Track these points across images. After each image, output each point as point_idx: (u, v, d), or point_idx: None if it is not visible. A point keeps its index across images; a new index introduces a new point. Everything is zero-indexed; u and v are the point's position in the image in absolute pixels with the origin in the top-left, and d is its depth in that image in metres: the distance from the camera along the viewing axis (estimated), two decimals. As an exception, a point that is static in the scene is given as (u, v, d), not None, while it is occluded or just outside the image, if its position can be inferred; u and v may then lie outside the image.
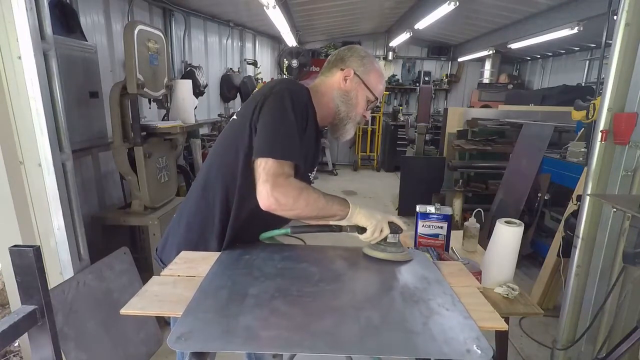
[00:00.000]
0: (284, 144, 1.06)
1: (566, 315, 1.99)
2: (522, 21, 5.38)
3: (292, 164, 1.06)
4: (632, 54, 1.70)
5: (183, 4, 4.21)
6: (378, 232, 1.10)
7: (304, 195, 1.04)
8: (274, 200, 1.01)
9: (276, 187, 1.01)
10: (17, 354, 2.22)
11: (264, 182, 1.02)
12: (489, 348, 0.71)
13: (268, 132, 1.07)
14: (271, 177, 1.02)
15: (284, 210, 1.04)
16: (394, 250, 1.13)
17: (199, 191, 1.21)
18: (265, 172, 1.02)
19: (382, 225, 1.10)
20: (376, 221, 1.09)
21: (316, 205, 1.06)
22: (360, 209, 1.10)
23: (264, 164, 1.03)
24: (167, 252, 1.24)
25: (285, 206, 1.03)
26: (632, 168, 1.76)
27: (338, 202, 1.10)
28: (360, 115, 1.27)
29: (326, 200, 1.08)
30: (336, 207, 1.09)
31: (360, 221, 1.10)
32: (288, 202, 1.03)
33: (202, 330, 0.74)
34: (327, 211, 1.09)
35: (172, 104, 3.15)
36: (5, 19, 1.59)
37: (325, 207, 1.08)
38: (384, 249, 1.13)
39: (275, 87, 1.15)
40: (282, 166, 1.04)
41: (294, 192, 1.03)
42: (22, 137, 1.74)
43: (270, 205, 1.03)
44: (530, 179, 3.42)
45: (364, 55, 1.25)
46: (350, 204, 1.10)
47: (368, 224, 1.09)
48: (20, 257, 0.69)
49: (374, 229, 1.09)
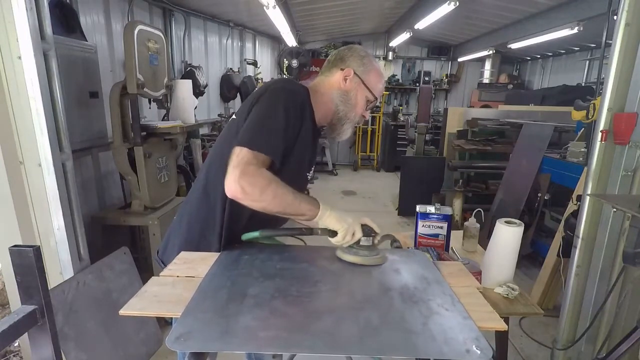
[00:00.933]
0: (264, 137, 1.05)
1: (566, 315, 1.99)
2: (522, 21, 5.38)
3: (267, 158, 1.04)
4: (632, 54, 1.70)
5: (183, 4, 4.21)
6: (350, 235, 1.07)
7: (271, 187, 1.02)
8: (239, 187, 0.99)
9: (245, 175, 0.99)
10: (17, 354, 2.22)
11: (234, 167, 1.01)
12: (489, 348, 0.71)
13: (252, 125, 1.07)
14: (242, 164, 1.00)
15: (250, 200, 1.02)
16: (366, 253, 1.09)
17: (200, 192, 1.21)
18: (239, 159, 1.01)
19: (354, 228, 1.07)
20: (347, 224, 1.06)
21: (283, 199, 1.04)
22: (331, 211, 1.07)
23: (238, 151, 1.02)
24: (168, 254, 1.24)
25: (251, 196, 1.01)
26: (632, 168, 1.76)
27: (308, 201, 1.07)
28: (359, 115, 1.26)
29: (294, 197, 1.05)
30: (305, 206, 1.06)
31: (330, 224, 1.07)
32: (254, 192, 1.00)
33: (202, 331, 0.74)
34: (294, 208, 1.06)
35: (172, 104, 3.15)
36: (5, 19, 1.59)
37: (292, 203, 1.05)
38: (356, 252, 1.09)
39: (272, 86, 1.15)
40: (256, 157, 1.02)
41: (262, 182, 1.01)
42: (22, 137, 1.74)
43: (236, 193, 1.01)
44: (530, 179, 3.42)
45: (363, 55, 1.24)
46: (320, 205, 1.07)
47: (339, 227, 1.06)
48: (20, 257, 0.69)
49: (344, 233, 1.06)
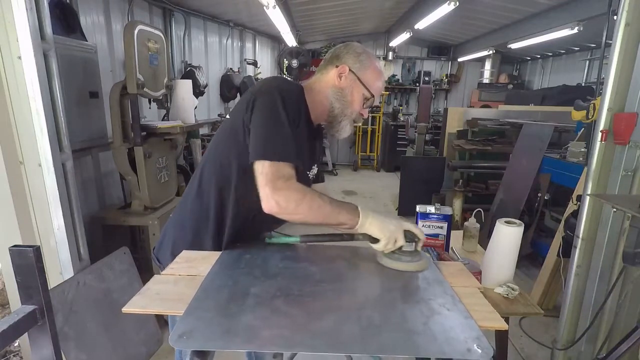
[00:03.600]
0: (277, 145, 1.04)
1: (566, 315, 1.99)
2: (522, 21, 5.38)
3: (290, 165, 1.04)
4: (632, 54, 1.70)
5: (183, 4, 4.21)
6: (392, 243, 1.05)
7: (307, 200, 1.02)
8: (274, 203, 1.00)
9: (276, 190, 1.00)
10: (17, 354, 2.22)
11: (264, 185, 1.01)
12: (490, 347, 0.71)
13: (261, 134, 1.05)
14: (270, 180, 1.00)
15: (286, 214, 1.02)
16: (408, 259, 1.07)
17: (194, 191, 1.20)
18: (264, 175, 1.01)
19: (396, 235, 1.05)
20: (389, 232, 1.04)
21: (321, 211, 1.03)
22: (372, 219, 1.05)
23: (260, 168, 1.02)
24: (162, 251, 1.24)
25: (287, 210, 1.01)
26: (632, 168, 1.75)
27: (347, 210, 1.05)
28: (356, 113, 1.23)
29: (332, 207, 1.04)
30: (344, 216, 1.05)
31: (372, 232, 1.05)
32: (289, 206, 1.01)
33: (204, 329, 0.74)
34: (333, 219, 1.05)
35: (172, 104, 3.15)
36: (5, 19, 1.59)
37: (331, 214, 1.04)
38: (399, 258, 1.07)
39: (265, 85, 1.13)
40: (279, 168, 1.02)
41: (295, 196, 1.01)
42: (22, 137, 1.74)
43: (272, 209, 1.01)
44: (530, 179, 3.42)
45: (360, 52, 1.21)
46: (360, 213, 1.05)
47: (381, 236, 1.05)
48: (20, 257, 0.69)
49: (387, 241, 1.05)
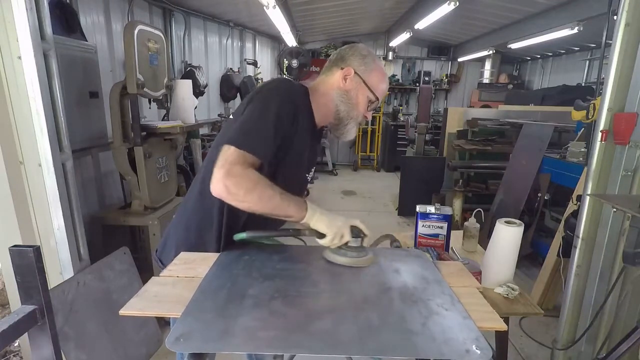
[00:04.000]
0: (252, 138, 1.04)
1: (566, 315, 1.99)
2: (522, 21, 5.37)
3: (255, 159, 1.03)
4: (632, 54, 1.69)
5: (183, 4, 4.21)
6: (338, 238, 1.06)
7: (258, 189, 1.01)
8: (223, 186, 0.99)
9: (230, 175, 0.99)
10: (17, 354, 2.22)
11: (220, 167, 1.00)
12: (488, 348, 0.71)
13: (242, 125, 1.06)
14: (228, 164, 0.99)
15: (234, 200, 1.01)
16: (354, 255, 1.09)
17: (197, 191, 1.20)
18: (225, 158, 1.00)
19: (343, 231, 1.06)
20: (336, 228, 1.06)
21: (270, 202, 1.03)
22: (319, 215, 1.06)
23: (226, 150, 1.02)
24: (166, 253, 1.24)
25: (236, 196, 1.00)
26: (632, 168, 1.75)
27: (295, 203, 1.06)
28: (361, 115, 1.24)
29: (282, 199, 1.04)
30: (292, 209, 1.05)
31: (319, 227, 1.06)
32: (238, 193, 1.00)
33: (202, 331, 0.74)
34: (281, 210, 1.05)
35: (172, 104, 3.15)
36: (5, 19, 1.59)
37: (280, 205, 1.04)
38: (345, 254, 1.09)
39: (267, 85, 1.14)
40: (244, 157, 1.01)
41: (247, 184, 1.00)
42: (22, 137, 1.74)
43: (220, 192, 1.00)
44: (530, 179, 3.42)
45: (365, 54, 1.21)
46: (308, 208, 1.06)
47: (327, 231, 1.06)
48: (20, 257, 0.69)
49: (332, 236, 1.06)
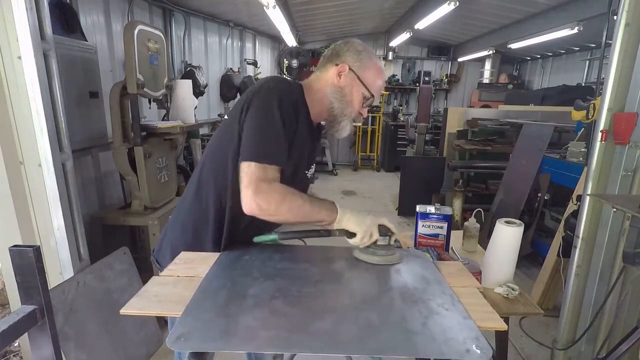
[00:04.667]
0: (268, 148, 1.04)
1: (566, 315, 1.99)
2: (522, 21, 5.37)
3: (276, 168, 1.05)
4: (632, 54, 1.69)
5: (183, 4, 4.21)
6: (367, 237, 1.09)
7: (287, 201, 1.03)
8: (255, 205, 1.01)
9: (258, 192, 1.00)
10: (17, 354, 2.22)
11: (246, 187, 1.01)
12: (488, 348, 0.71)
13: (253, 135, 1.05)
14: (253, 182, 1.01)
15: (266, 215, 1.04)
16: (383, 253, 1.12)
17: (193, 192, 1.20)
18: (248, 176, 1.02)
19: (372, 230, 1.09)
20: (365, 227, 1.08)
21: (301, 211, 1.06)
22: (349, 215, 1.09)
23: (246, 168, 1.02)
24: (162, 253, 1.24)
25: (267, 212, 1.03)
26: (632, 168, 1.75)
27: (325, 207, 1.09)
28: (356, 112, 1.22)
29: (312, 206, 1.07)
30: (323, 213, 1.08)
31: (349, 227, 1.09)
32: (270, 208, 1.02)
33: (202, 331, 0.74)
34: (313, 217, 1.08)
35: (172, 104, 3.15)
36: (5, 19, 1.59)
37: (310, 213, 1.07)
38: (374, 252, 1.12)
39: (263, 85, 1.12)
40: (266, 170, 1.03)
41: (276, 198, 1.02)
42: (22, 137, 1.74)
43: (253, 210, 1.02)
44: (530, 179, 3.42)
45: (360, 50, 1.18)
46: (338, 210, 1.09)
47: (357, 230, 1.08)
48: (20, 257, 0.69)
49: (363, 235, 1.08)
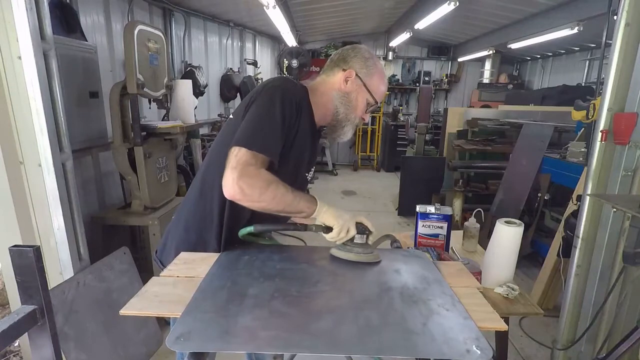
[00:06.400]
0: (262, 137, 1.04)
1: (566, 315, 1.99)
2: (522, 21, 5.37)
3: (265, 158, 1.04)
4: (632, 54, 1.70)
5: (183, 4, 4.21)
6: (344, 232, 1.08)
7: (271, 188, 1.02)
8: (238, 189, 0.99)
9: (243, 176, 0.99)
10: (17, 354, 2.22)
11: (233, 168, 1.00)
12: (489, 348, 0.71)
13: (249, 124, 1.06)
14: (240, 165, 1.00)
15: (249, 201, 1.02)
16: (360, 251, 1.11)
17: (197, 191, 1.20)
18: (237, 159, 1.00)
19: (349, 225, 1.08)
20: (343, 221, 1.08)
21: (283, 200, 1.04)
22: (328, 208, 1.09)
23: (236, 152, 1.02)
24: (166, 254, 1.23)
25: (250, 197, 1.01)
26: (632, 168, 1.75)
27: (306, 199, 1.09)
28: (359, 117, 1.24)
29: (294, 196, 1.06)
30: (303, 204, 1.08)
31: (327, 220, 1.08)
32: (253, 194, 1.00)
33: (202, 331, 0.74)
34: (294, 207, 1.07)
35: (172, 104, 3.15)
36: (5, 19, 1.59)
37: (292, 202, 1.06)
38: (350, 250, 1.11)
39: (268, 84, 1.14)
40: (255, 158, 1.02)
41: (261, 184, 1.01)
42: (22, 137, 1.74)
43: (235, 195, 1.00)
44: (530, 179, 3.42)
45: (367, 57, 1.21)
46: (317, 202, 1.09)
47: (334, 224, 1.08)
48: (20, 257, 0.69)
49: (339, 229, 1.08)
